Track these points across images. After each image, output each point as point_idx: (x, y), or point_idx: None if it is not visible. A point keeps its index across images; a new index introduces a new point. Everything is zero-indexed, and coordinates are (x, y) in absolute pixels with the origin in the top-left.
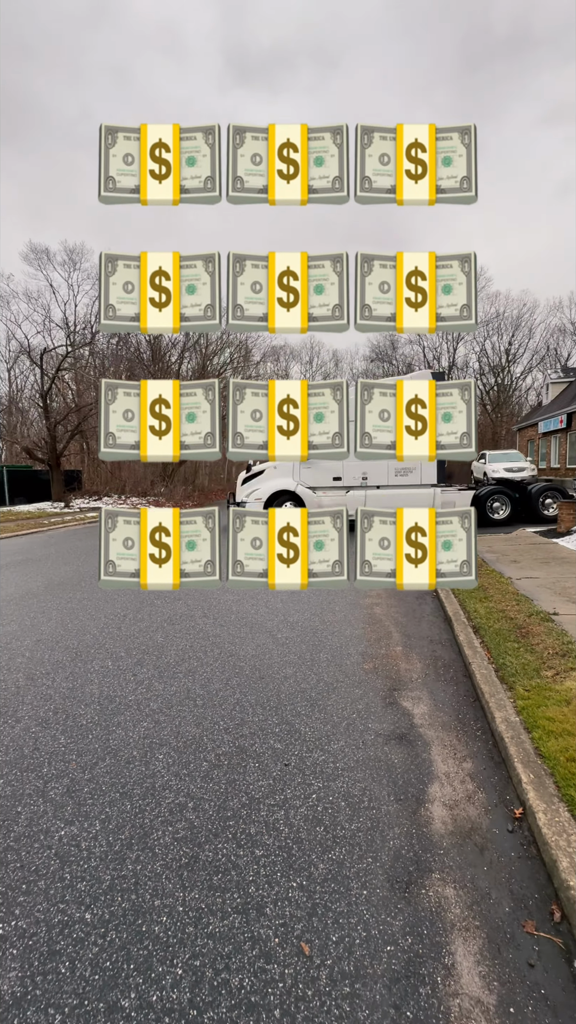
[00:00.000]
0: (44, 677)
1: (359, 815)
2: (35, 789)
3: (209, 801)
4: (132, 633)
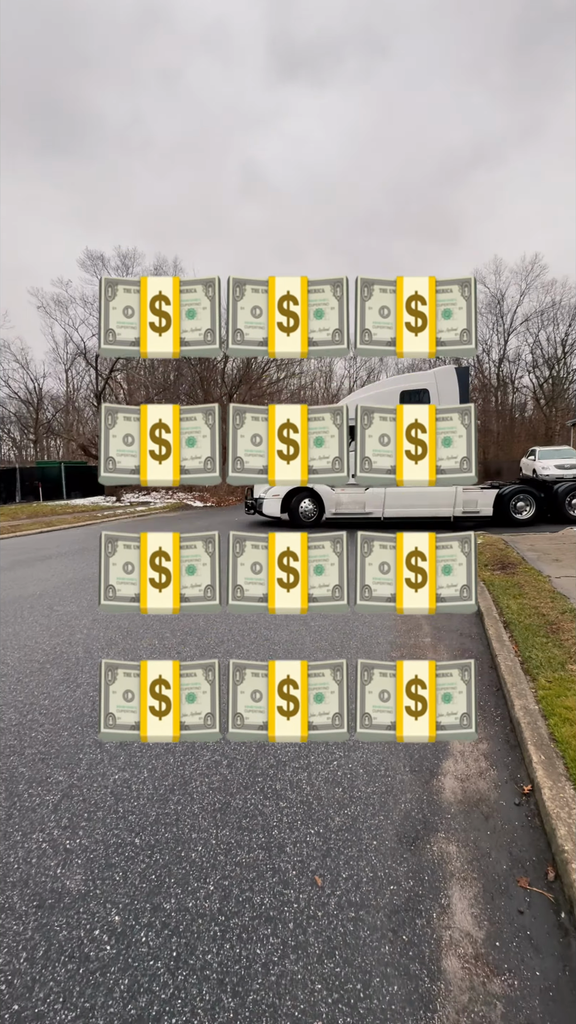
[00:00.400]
0: (99, 651)
1: (375, 781)
2: (93, 742)
3: (241, 761)
4: (177, 616)
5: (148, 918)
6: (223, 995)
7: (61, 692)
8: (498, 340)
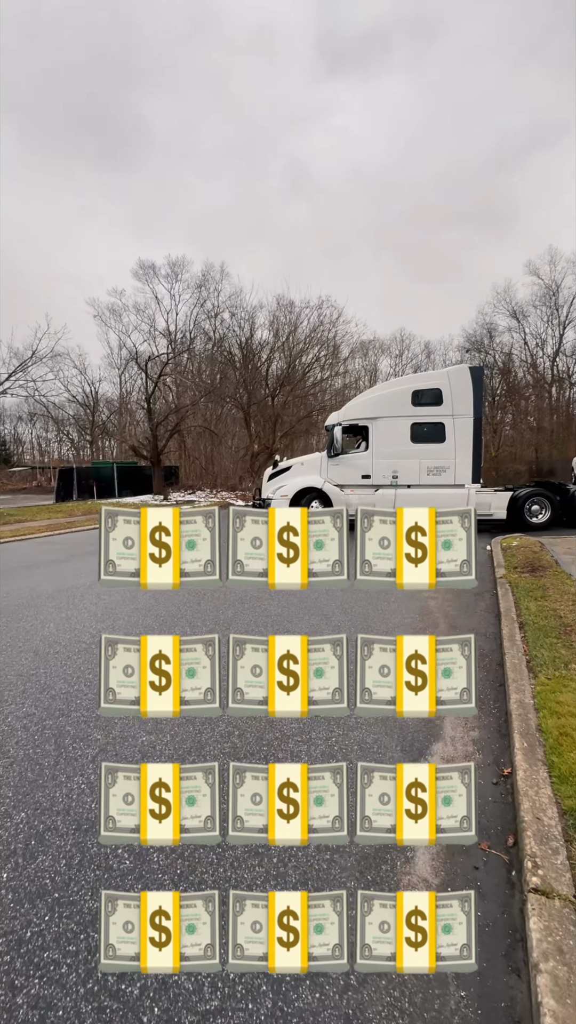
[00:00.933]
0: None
1: (366, 755)
2: None
3: (251, 732)
4: (208, 609)
5: (160, 846)
6: None
7: None
8: (553, 333)
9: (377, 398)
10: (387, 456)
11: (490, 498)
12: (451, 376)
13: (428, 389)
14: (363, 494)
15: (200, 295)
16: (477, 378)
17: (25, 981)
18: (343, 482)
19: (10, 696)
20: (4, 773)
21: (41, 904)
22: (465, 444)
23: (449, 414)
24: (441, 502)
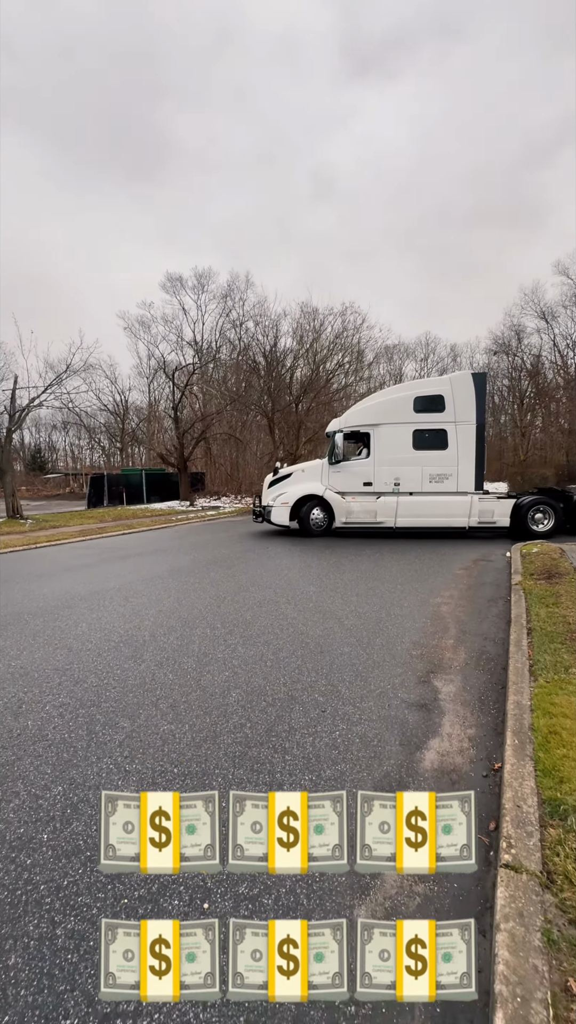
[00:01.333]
0: (162, 636)
1: (367, 748)
2: (151, 702)
3: (261, 725)
4: (228, 611)
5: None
6: None
7: (129, 665)
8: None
9: (379, 404)
10: (389, 463)
11: (494, 505)
12: (453, 382)
13: (430, 395)
14: (364, 501)
15: (225, 305)
16: (480, 384)
17: (63, 919)
18: (344, 489)
19: (48, 688)
20: (44, 753)
21: (75, 860)
22: (468, 451)
23: (451, 421)
24: (443, 509)
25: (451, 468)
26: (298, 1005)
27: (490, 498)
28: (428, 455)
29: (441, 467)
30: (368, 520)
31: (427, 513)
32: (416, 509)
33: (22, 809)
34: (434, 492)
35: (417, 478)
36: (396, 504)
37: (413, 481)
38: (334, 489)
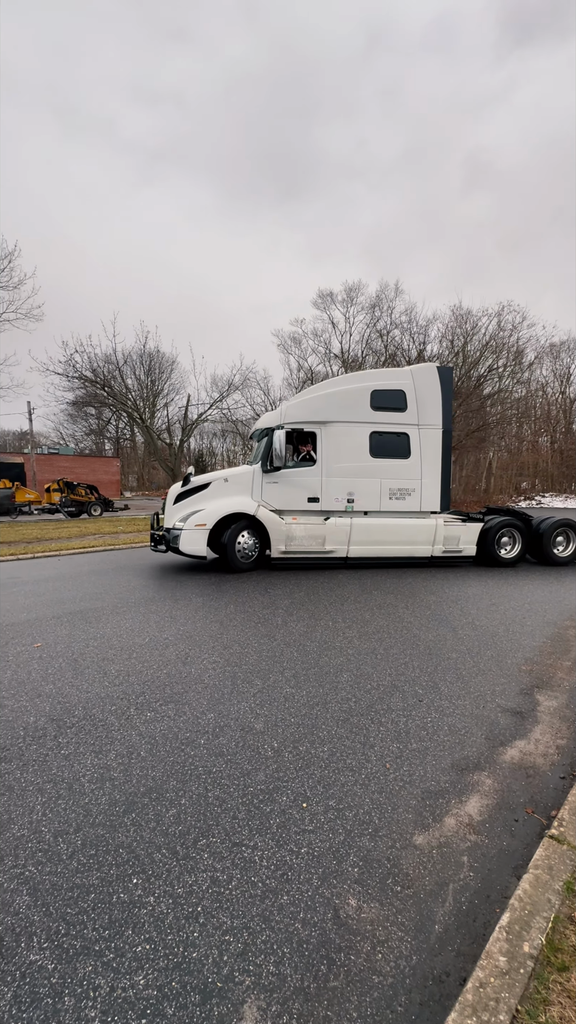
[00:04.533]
0: (292, 623)
1: (453, 735)
2: (278, 671)
3: (364, 702)
4: (351, 609)
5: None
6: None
7: (264, 642)
8: None
9: (329, 396)
10: (341, 473)
11: (460, 531)
12: (415, 376)
13: (389, 390)
14: (310, 524)
15: (373, 315)
16: (446, 380)
17: (211, 791)
18: (283, 506)
19: (204, 648)
20: (202, 691)
21: (220, 761)
22: (433, 462)
23: (414, 423)
24: (405, 535)
25: (414, 482)
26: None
27: (456, 521)
28: (388, 464)
29: (403, 480)
30: (314, 548)
31: (386, 539)
32: (373, 534)
33: (188, 724)
34: (394, 512)
35: (375, 493)
36: (349, 528)
37: (370, 497)
38: (269, 506)
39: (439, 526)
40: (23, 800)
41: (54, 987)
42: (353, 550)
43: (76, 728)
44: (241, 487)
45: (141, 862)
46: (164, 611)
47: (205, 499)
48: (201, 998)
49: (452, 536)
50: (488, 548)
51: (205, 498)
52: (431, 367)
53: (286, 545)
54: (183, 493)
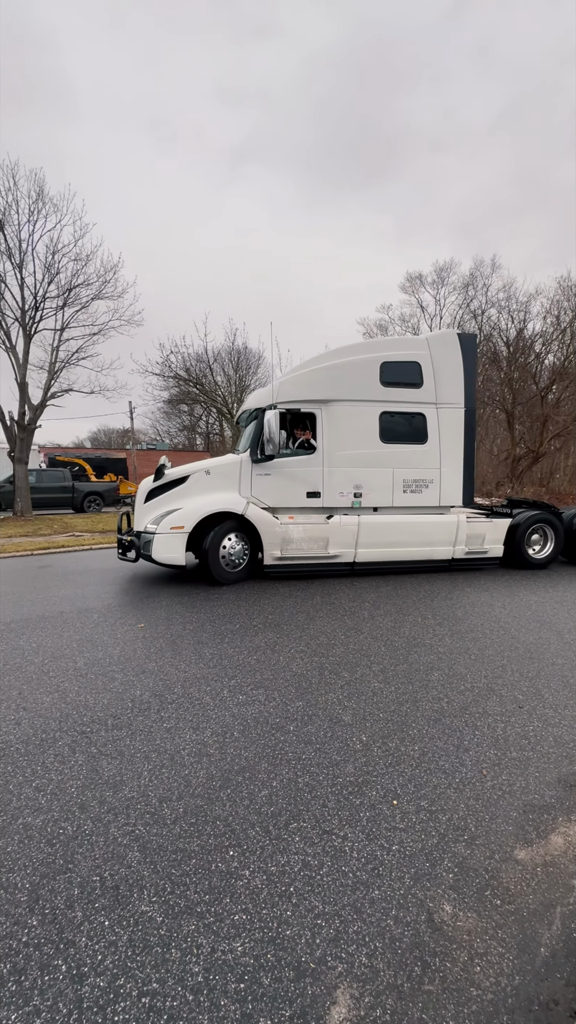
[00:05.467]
0: (379, 617)
1: (559, 747)
2: (365, 664)
3: (457, 703)
4: (441, 606)
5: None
6: None
7: (351, 635)
8: None
9: (330, 370)
10: (346, 462)
11: (485, 528)
12: (433, 345)
13: (402, 362)
14: (310, 523)
15: (466, 295)
16: (469, 350)
17: (301, 777)
18: (278, 503)
19: (292, 637)
20: (290, 679)
21: (310, 749)
22: (454, 447)
23: (431, 402)
24: (422, 535)
25: (432, 472)
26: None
27: (479, 517)
28: (402, 451)
29: (419, 469)
30: (315, 553)
31: (400, 540)
32: (385, 534)
33: (277, 709)
34: (410, 507)
35: (386, 485)
36: (357, 527)
37: (381, 490)
38: (260, 503)
39: (461, 523)
40: (132, 766)
41: (162, 938)
42: (361, 554)
43: (176, 704)
44: (226, 481)
45: (236, 836)
46: (252, 599)
47: (183, 496)
48: (295, 975)
49: (476, 535)
50: (517, 547)
51: (183, 495)
52: (451, 334)
53: (282, 549)
54: (156, 489)
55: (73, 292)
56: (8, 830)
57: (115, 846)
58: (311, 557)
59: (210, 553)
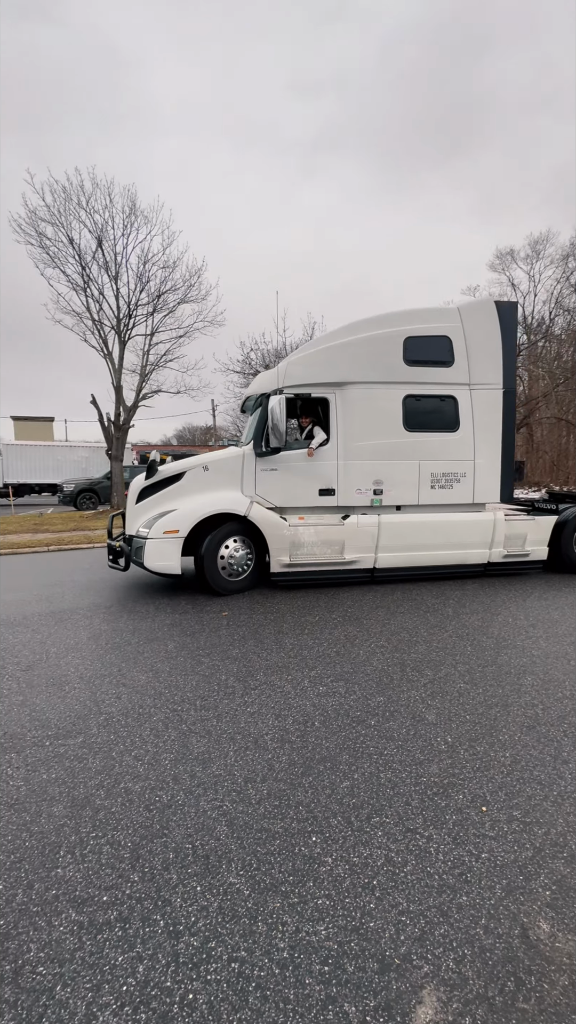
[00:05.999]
0: (465, 615)
1: None
2: (450, 663)
3: (554, 712)
4: (535, 606)
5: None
6: None
7: (434, 632)
8: None
9: (346, 347)
10: (364, 454)
11: (525, 528)
12: (466, 316)
13: (429, 337)
14: (322, 525)
15: (566, 268)
16: (509, 321)
17: (383, 773)
18: (285, 502)
19: (372, 633)
20: (371, 674)
21: (391, 745)
22: (490, 436)
23: (464, 383)
24: (454, 536)
25: (465, 464)
26: None
27: (519, 515)
28: (429, 440)
29: (450, 461)
30: (329, 559)
31: (427, 543)
32: (410, 536)
33: (358, 703)
34: (439, 505)
35: (411, 480)
36: (377, 528)
37: (405, 486)
38: (266, 502)
39: (499, 522)
40: (219, 745)
41: (249, 911)
42: (383, 559)
43: (258, 690)
44: (227, 477)
45: (318, 823)
46: (330, 592)
47: (178, 495)
48: (379, 967)
49: (516, 535)
50: (565, 548)
51: (178, 494)
52: (487, 302)
53: (291, 555)
54: (148, 488)
55: (161, 298)
56: (113, 792)
57: (205, 818)
58: (324, 563)
59: (206, 560)
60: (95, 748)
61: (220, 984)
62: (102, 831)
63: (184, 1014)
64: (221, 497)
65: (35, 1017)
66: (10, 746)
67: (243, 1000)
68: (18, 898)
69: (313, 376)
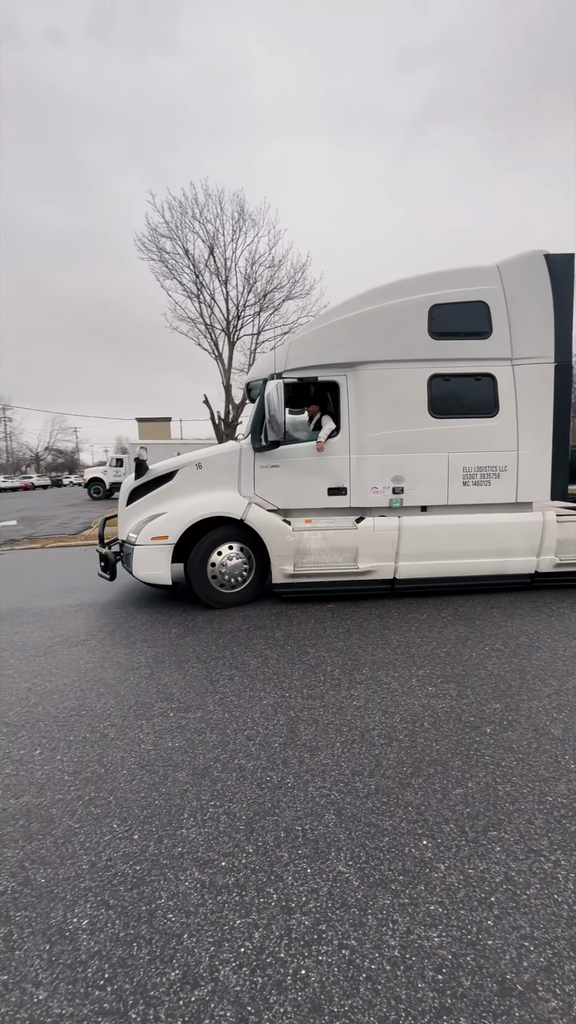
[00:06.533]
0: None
1: None
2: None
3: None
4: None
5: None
6: None
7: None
8: None
9: (356, 321)
10: (381, 447)
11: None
12: (507, 275)
13: (462, 303)
14: (332, 530)
15: None
16: (563, 279)
17: (501, 786)
18: (289, 503)
19: (488, 636)
20: (486, 679)
21: (510, 757)
22: (539, 421)
23: (505, 357)
24: (491, 541)
25: (506, 455)
26: None
27: (573, 515)
28: (461, 428)
29: (487, 453)
30: (340, 568)
31: (458, 549)
32: (437, 541)
33: (471, 708)
34: (473, 505)
35: (438, 476)
36: (397, 532)
37: (430, 483)
38: (267, 502)
39: (549, 524)
40: (326, 735)
41: (359, 902)
42: (404, 568)
43: (364, 685)
44: (223, 475)
45: (429, 827)
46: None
47: (169, 496)
48: (499, 989)
49: (572, 539)
50: None
51: (169, 495)
52: (535, 256)
53: (295, 564)
54: (138, 488)
55: (267, 297)
56: (229, 766)
57: (313, 804)
58: (334, 573)
59: (192, 569)
60: (212, 723)
61: (331, 967)
62: (219, 801)
63: (297, 987)
64: (215, 499)
65: (167, 956)
66: (141, 713)
67: (354, 988)
68: (150, 849)
69: (319, 357)
